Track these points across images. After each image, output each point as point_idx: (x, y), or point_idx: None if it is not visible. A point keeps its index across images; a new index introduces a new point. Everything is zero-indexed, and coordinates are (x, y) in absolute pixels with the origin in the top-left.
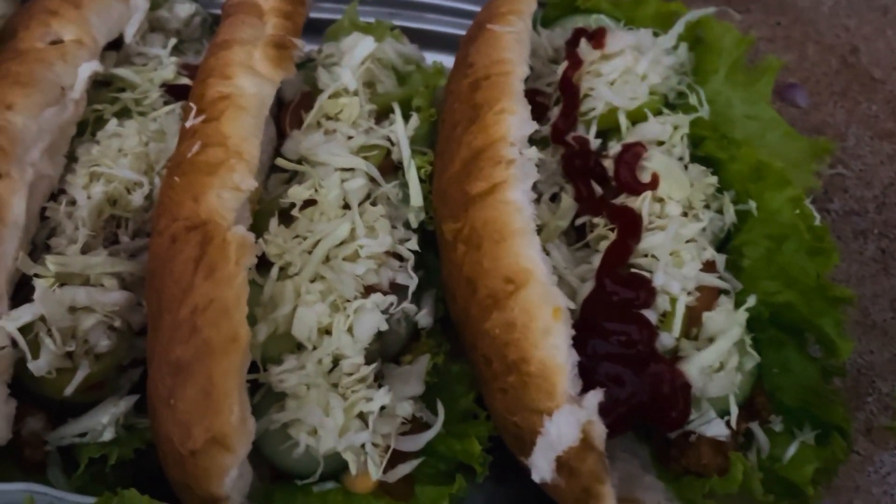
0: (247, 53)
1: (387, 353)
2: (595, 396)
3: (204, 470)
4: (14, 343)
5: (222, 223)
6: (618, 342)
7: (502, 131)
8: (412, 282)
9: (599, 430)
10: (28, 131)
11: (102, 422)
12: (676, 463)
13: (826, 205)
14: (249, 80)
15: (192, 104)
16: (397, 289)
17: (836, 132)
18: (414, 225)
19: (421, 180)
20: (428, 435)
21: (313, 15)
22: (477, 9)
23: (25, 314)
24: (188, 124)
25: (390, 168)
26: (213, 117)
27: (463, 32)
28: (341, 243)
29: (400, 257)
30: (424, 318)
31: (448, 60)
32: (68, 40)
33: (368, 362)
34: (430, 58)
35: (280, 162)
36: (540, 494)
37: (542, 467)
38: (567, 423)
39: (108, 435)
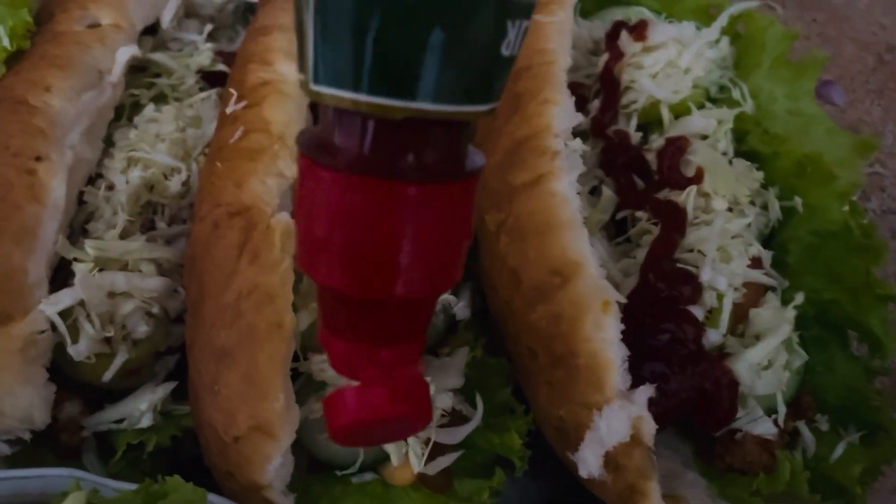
0: (287, 39)
1: (424, 344)
2: (645, 392)
3: (247, 457)
4: (53, 327)
5: (266, 209)
6: (664, 338)
7: (546, 122)
8: None
9: (649, 426)
10: (67, 114)
11: (141, 408)
12: (720, 460)
13: (863, 204)
14: (291, 66)
15: (232, 90)
16: None
17: (872, 131)
18: None
19: None
20: (468, 428)
21: None
22: None
23: (66, 298)
24: (229, 110)
25: None
26: (255, 103)
27: None
28: None
29: None
30: (462, 310)
31: None
32: (106, 24)
33: None
34: None
35: None
36: (572, 489)
37: (590, 462)
38: (617, 418)
39: (146, 421)
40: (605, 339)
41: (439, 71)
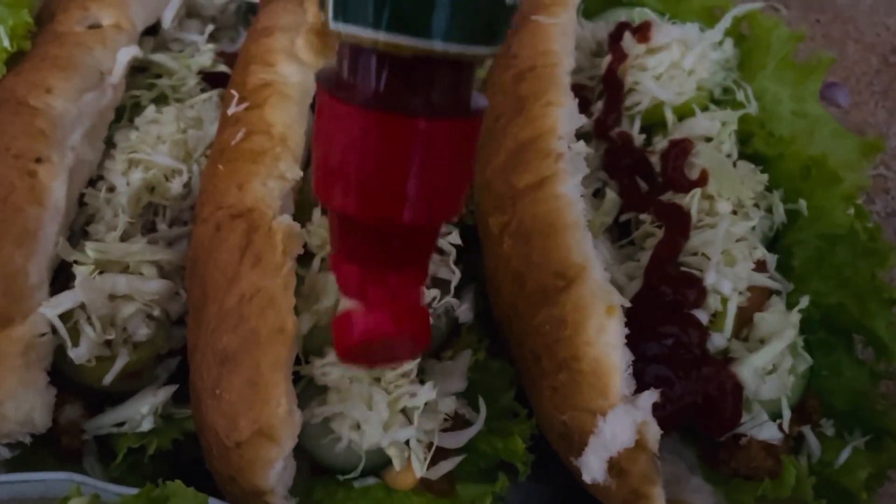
0: (289, 41)
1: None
2: (650, 397)
3: (249, 462)
4: (54, 330)
5: (268, 212)
6: (668, 342)
7: (550, 124)
8: (455, 276)
9: (654, 431)
10: (68, 115)
11: (142, 411)
12: (725, 465)
13: (868, 206)
14: (292, 67)
15: (233, 91)
16: (438, 283)
17: (877, 132)
18: (454, 218)
19: None
20: (470, 432)
21: None
22: None
23: (66, 301)
24: (230, 111)
25: None
26: (257, 105)
27: None
28: None
29: (441, 251)
30: (465, 312)
31: None
32: (107, 24)
33: None
34: None
35: None
36: (576, 493)
37: (594, 468)
38: (622, 423)
39: (146, 425)
40: (609, 343)
41: (451, 13)
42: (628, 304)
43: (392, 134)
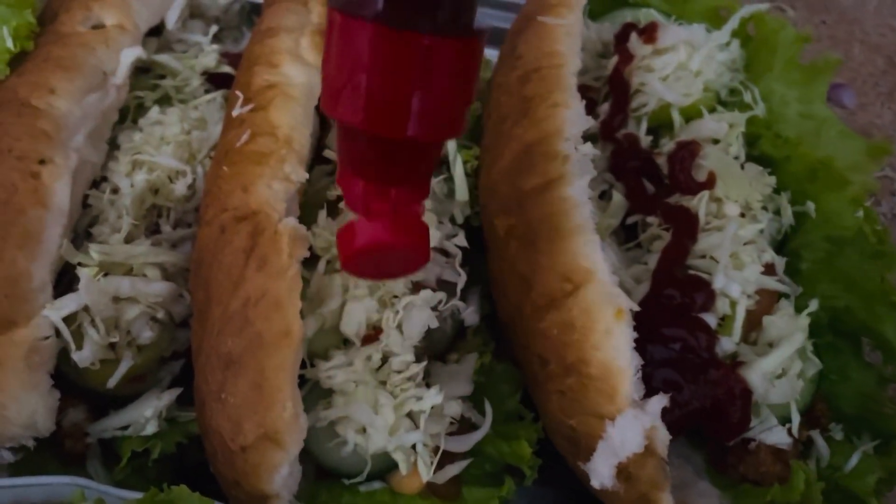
0: (293, 41)
1: (432, 350)
2: (659, 402)
3: (254, 466)
4: (57, 333)
5: (273, 214)
6: (676, 346)
7: (556, 125)
8: (461, 278)
9: (663, 437)
10: (71, 116)
11: (146, 415)
12: (734, 470)
13: (874, 208)
14: (297, 68)
15: (238, 92)
16: (444, 285)
17: (883, 134)
18: (459, 220)
19: (466, 175)
20: (477, 436)
21: None
22: (519, 1)
23: (70, 304)
24: (235, 113)
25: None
26: (262, 106)
27: (506, 25)
28: None
29: (446, 253)
30: (471, 315)
31: (489, 53)
32: (110, 25)
33: (416, 360)
34: None
35: (329, 154)
36: (582, 497)
37: (602, 473)
38: (631, 428)
39: (150, 428)
40: (617, 347)
41: None
42: (637, 308)
43: (399, 50)
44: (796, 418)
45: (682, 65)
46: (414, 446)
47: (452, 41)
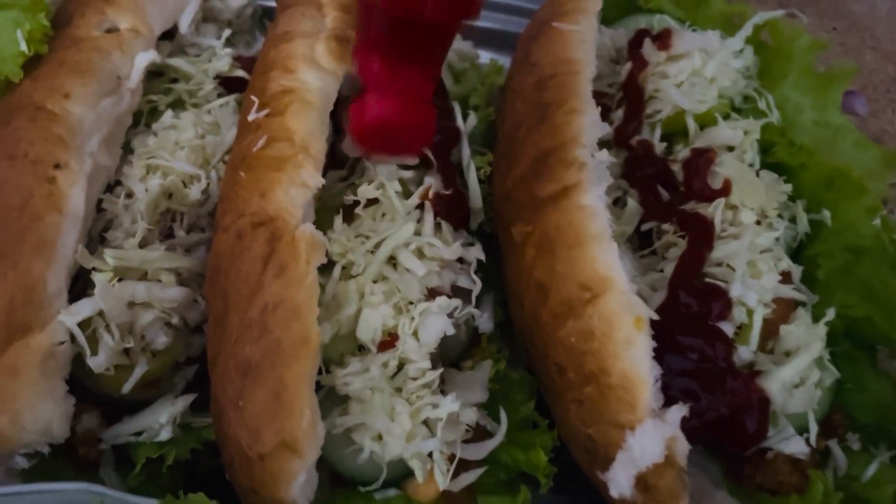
0: (309, 46)
1: (447, 357)
2: (679, 411)
3: (272, 474)
4: (72, 338)
5: (291, 220)
6: (693, 355)
7: (572, 132)
8: (476, 286)
9: (682, 447)
10: (86, 121)
11: (160, 420)
12: (750, 480)
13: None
14: (313, 73)
15: (253, 97)
16: (459, 292)
17: (895, 141)
18: (473, 227)
19: (479, 182)
20: (492, 443)
21: None
22: (531, 6)
23: (85, 309)
24: (251, 118)
25: None
26: (278, 112)
27: (517, 30)
28: (406, 244)
29: (462, 260)
30: (485, 322)
31: (500, 58)
32: (124, 29)
33: (432, 367)
34: (483, 55)
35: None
36: None
37: (621, 483)
38: (651, 438)
39: (165, 434)
40: (637, 356)
41: None
42: (656, 317)
43: None
44: (814, 428)
45: (697, 71)
46: (430, 454)
47: None
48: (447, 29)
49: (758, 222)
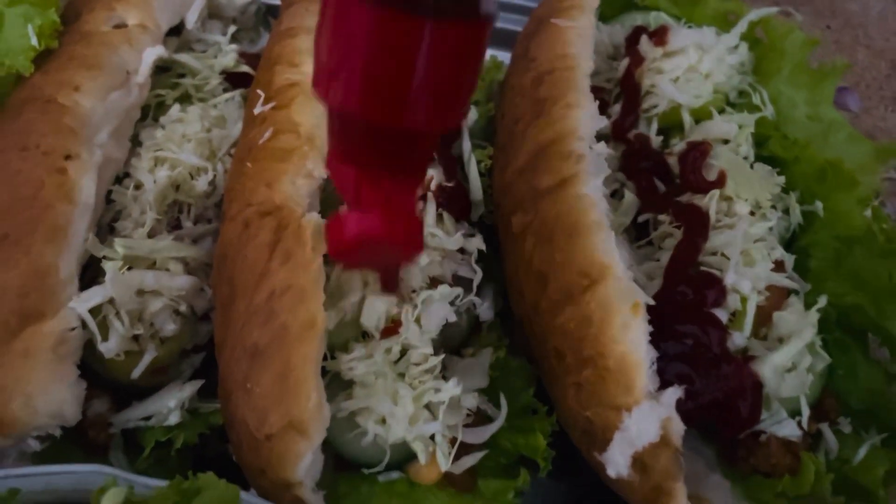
0: (313, 41)
1: (448, 345)
2: (674, 393)
3: (279, 455)
4: (83, 325)
5: (297, 210)
6: (689, 341)
7: (570, 126)
8: (476, 275)
9: (678, 427)
10: (96, 113)
11: (169, 405)
12: (745, 462)
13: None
14: None
15: (259, 91)
16: (460, 281)
17: (887, 137)
18: (474, 218)
19: (480, 174)
20: (492, 428)
21: None
22: (530, 4)
23: (96, 296)
24: (257, 111)
25: None
26: (284, 104)
27: (516, 28)
28: None
29: (462, 251)
30: (486, 311)
31: (502, 55)
32: (132, 24)
33: (434, 353)
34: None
35: None
36: (595, 491)
37: (618, 463)
38: (647, 419)
39: (173, 419)
40: (634, 340)
41: None
42: (652, 302)
43: (398, 33)
44: (806, 411)
45: (693, 67)
46: (432, 437)
47: (456, 25)
48: (430, 136)
49: (752, 213)
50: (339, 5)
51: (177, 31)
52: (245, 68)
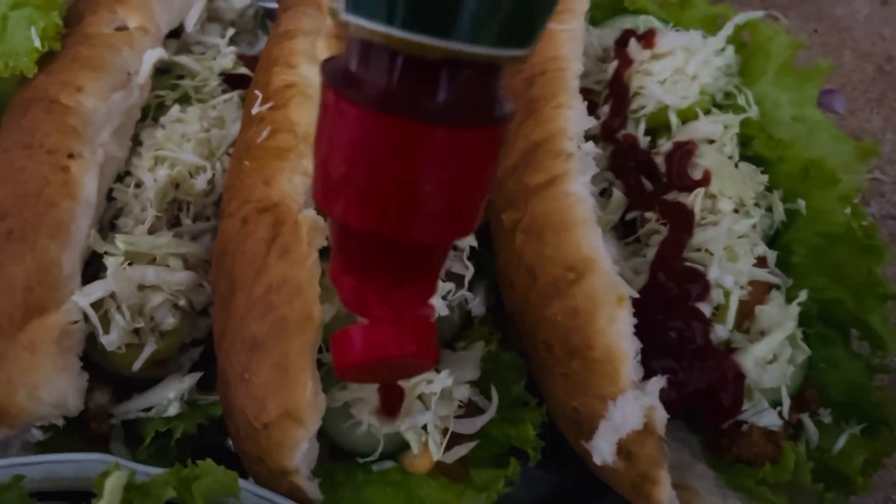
0: (310, 43)
1: (440, 339)
2: (658, 383)
3: (276, 443)
4: (86, 318)
5: (293, 206)
6: (673, 334)
7: (560, 125)
8: (468, 271)
9: (661, 416)
10: (98, 113)
11: (169, 396)
12: (728, 452)
13: (863, 208)
14: (314, 69)
15: (257, 91)
16: (452, 277)
17: (872, 139)
18: None
19: None
20: (484, 418)
21: None
22: None
23: (98, 290)
24: (255, 111)
25: None
26: (281, 104)
27: None
28: None
29: (455, 247)
30: (478, 306)
31: None
32: (133, 27)
33: None
34: None
35: None
36: (584, 481)
37: (604, 450)
38: (631, 407)
39: (173, 410)
40: (619, 331)
41: (478, 9)
42: (637, 296)
43: (404, 141)
44: (787, 402)
45: (680, 69)
46: (425, 427)
47: (470, 131)
48: (441, 247)
49: (736, 211)
50: (338, 110)
51: (176, 33)
52: (243, 70)
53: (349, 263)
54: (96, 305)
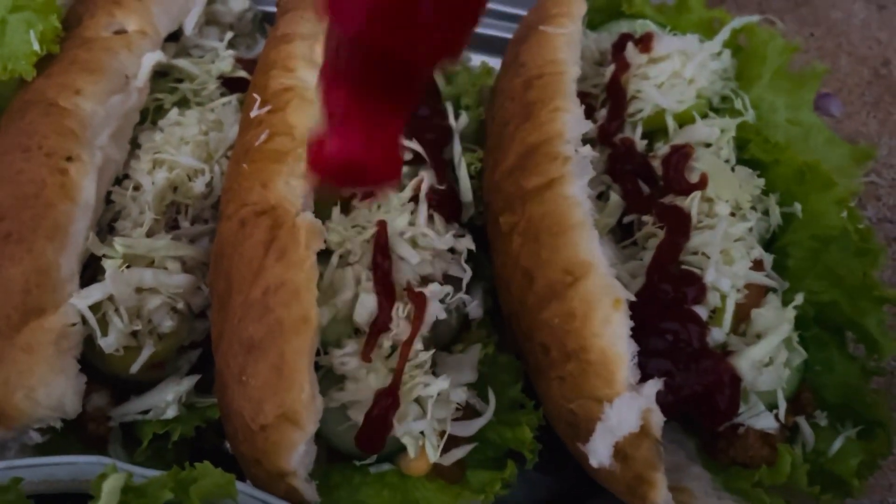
0: (308, 47)
1: (438, 341)
2: (654, 385)
3: (273, 445)
4: (84, 321)
5: (291, 209)
6: (670, 337)
7: (557, 129)
8: (466, 274)
9: (657, 418)
10: (96, 116)
11: (167, 399)
12: (724, 454)
13: (860, 212)
14: (312, 73)
15: (255, 95)
16: (450, 280)
17: (868, 142)
18: (464, 220)
19: (470, 177)
20: (481, 421)
21: None
22: (519, 12)
23: (96, 293)
24: (253, 114)
25: None
26: (279, 108)
27: (506, 35)
28: (400, 234)
29: (453, 250)
30: (475, 309)
31: (492, 62)
32: (132, 30)
33: (424, 349)
34: (474, 59)
35: None
36: (579, 485)
37: (600, 452)
38: (627, 409)
39: (171, 412)
40: (615, 334)
41: None
42: (633, 298)
43: None
44: (783, 404)
45: (677, 73)
46: (422, 430)
47: None
48: (425, 65)
49: (732, 214)
50: None
51: (175, 37)
52: (241, 73)
53: (340, 72)
54: (94, 308)
